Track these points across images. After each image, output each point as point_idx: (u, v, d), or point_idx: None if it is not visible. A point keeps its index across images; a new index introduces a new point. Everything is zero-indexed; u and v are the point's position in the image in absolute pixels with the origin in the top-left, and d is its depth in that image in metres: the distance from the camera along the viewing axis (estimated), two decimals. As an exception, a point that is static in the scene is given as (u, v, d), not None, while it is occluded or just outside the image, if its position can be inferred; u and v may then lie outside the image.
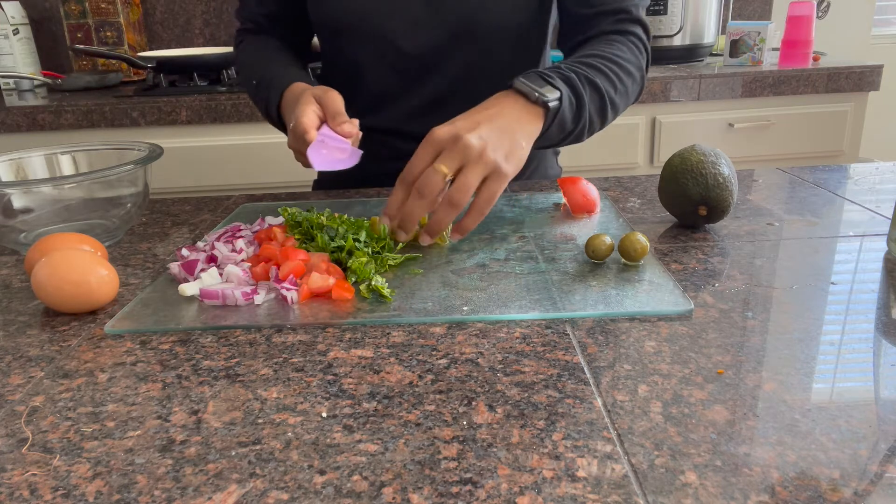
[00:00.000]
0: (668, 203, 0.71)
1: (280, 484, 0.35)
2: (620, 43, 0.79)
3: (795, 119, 1.67)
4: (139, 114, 1.55)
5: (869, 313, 0.51)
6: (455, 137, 0.60)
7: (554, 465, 0.36)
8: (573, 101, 0.70)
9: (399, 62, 0.87)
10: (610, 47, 0.77)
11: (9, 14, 1.81)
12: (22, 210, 0.69)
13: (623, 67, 0.76)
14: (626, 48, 0.78)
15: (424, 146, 0.62)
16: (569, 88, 0.69)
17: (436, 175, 0.60)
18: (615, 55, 0.76)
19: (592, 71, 0.73)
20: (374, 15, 0.84)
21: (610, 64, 0.75)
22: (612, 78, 0.74)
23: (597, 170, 1.66)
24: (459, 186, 0.60)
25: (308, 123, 0.68)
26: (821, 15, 2.10)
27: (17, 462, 0.38)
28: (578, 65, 0.73)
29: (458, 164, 0.60)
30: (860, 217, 0.72)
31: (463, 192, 0.60)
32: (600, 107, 0.74)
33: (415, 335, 0.50)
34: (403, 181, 0.62)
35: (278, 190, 1.50)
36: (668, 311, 0.52)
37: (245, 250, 0.64)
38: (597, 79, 0.73)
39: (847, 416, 0.39)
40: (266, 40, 0.93)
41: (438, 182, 0.60)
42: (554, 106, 0.67)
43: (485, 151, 0.60)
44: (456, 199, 0.60)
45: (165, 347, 0.50)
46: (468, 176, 0.60)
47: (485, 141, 0.61)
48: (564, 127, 0.71)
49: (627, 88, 0.78)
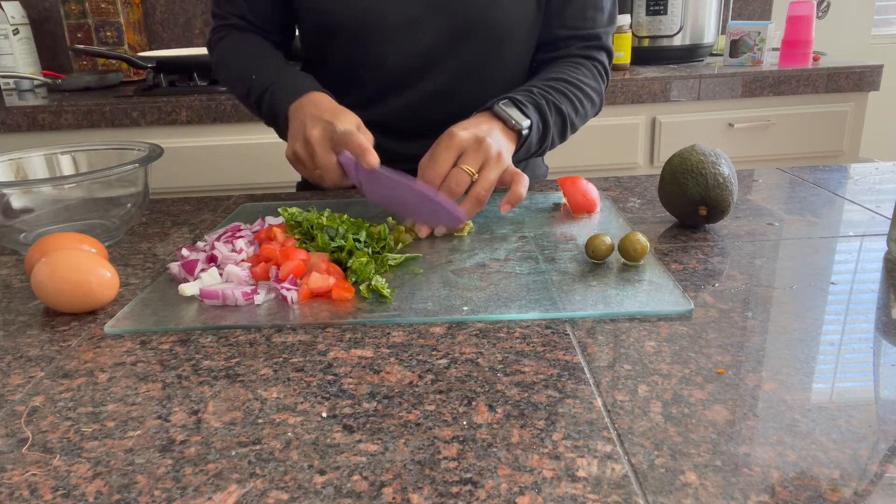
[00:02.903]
0: (668, 203, 0.71)
1: (280, 484, 0.35)
2: (586, 68, 0.87)
3: (795, 119, 1.67)
4: (139, 114, 1.55)
5: (869, 313, 0.51)
6: (478, 140, 0.68)
7: (554, 465, 0.36)
8: (540, 128, 0.79)
9: (395, 62, 0.87)
10: (576, 72, 0.85)
11: (9, 14, 1.81)
12: (22, 210, 0.69)
13: (585, 93, 0.85)
14: (590, 73, 0.87)
15: (448, 147, 0.68)
16: (539, 116, 0.78)
17: (465, 176, 0.67)
18: (580, 80, 0.84)
19: (560, 96, 0.81)
20: (372, 15, 0.84)
21: (575, 90, 0.83)
22: (575, 103, 0.83)
23: (597, 170, 1.66)
24: (485, 185, 0.67)
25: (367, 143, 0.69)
26: (821, 15, 2.10)
27: (17, 462, 0.38)
28: (549, 90, 0.81)
29: (480, 165, 0.68)
30: (860, 217, 0.72)
31: (488, 190, 0.68)
32: (562, 129, 0.83)
33: (415, 335, 0.50)
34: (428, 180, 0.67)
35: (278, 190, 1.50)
36: (668, 311, 0.52)
37: (245, 250, 0.64)
38: (562, 104, 0.81)
39: (847, 416, 0.39)
40: (255, 37, 0.91)
41: (467, 182, 0.67)
42: (525, 134, 0.75)
43: (500, 153, 0.69)
44: (483, 196, 0.68)
45: (165, 347, 0.50)
46: (490, 175, 0.68)
47: (499, 145, 0.69)
48: (530, 149, 0.80)
49: (587, 111, 0.87)
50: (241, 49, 0.90)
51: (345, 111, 0.74)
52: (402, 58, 0.86)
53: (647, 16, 1.77)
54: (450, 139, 0.68)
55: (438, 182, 0.67)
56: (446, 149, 0.68)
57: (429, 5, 0.83)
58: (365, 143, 0.68)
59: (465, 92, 0.88)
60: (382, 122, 0.91)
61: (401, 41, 0.85)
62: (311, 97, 0.76)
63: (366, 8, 0.83)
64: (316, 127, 0.71)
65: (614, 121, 1.61)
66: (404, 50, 0.86)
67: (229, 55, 0.90)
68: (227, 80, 0.92)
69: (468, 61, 0.86)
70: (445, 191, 0.67)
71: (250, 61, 0.87)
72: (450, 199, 0.67)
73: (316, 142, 0.70)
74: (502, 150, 0.69)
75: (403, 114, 0.90)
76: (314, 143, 0.70)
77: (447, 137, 0.68)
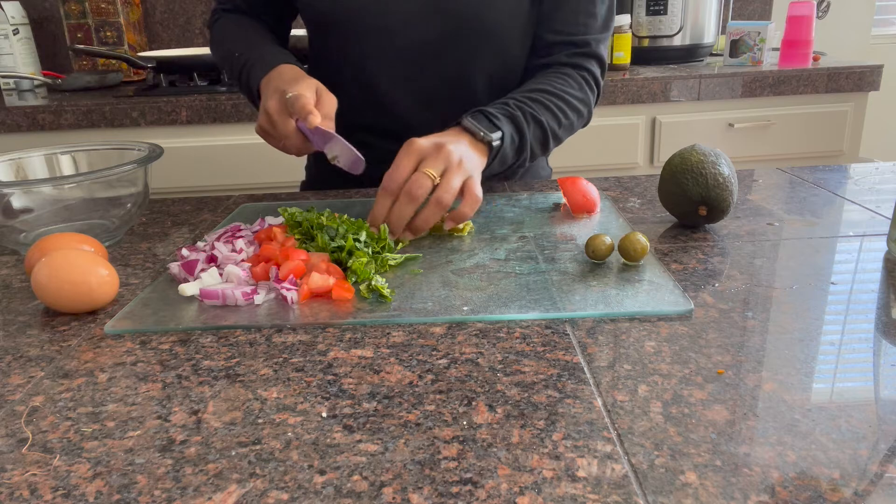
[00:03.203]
0: (668, 203, 0.71)
1: (280, 484, 0.35)
2: (572, 78, 0.85)
3: (795, 119, 1.67)
4: (139, 114, 1.55)
5: (869, 313, 0.51)
6: (438, 146, 0.67)
7: (554, 465, 0.36)
8: (515, 139, 0.77)
9: (394, 57, 0.87)
10: (561, 83, 0.84)
11: (9, 14, 1.81)
12: (22, 210, 0.69)
13: (570, 104, 0.84)
14: (576, 84, 0.85)
15: (408, 154, 0.67)
16: (513, 127, 0.77)
17: (425, 179, 0.65)
18: (564, 91, 0.83)
19: (539, 108, 0.80)
20: (371, 9, 0.84)
21: (558, 101, 0.82)
22: (556, 114, 0.82)
23: (597, 170, 1.66)
24: (447, 188, 0.66)
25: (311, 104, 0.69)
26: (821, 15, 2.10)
27: (17, 462, 0.38)
28: (527, 101, 0.80)
29: (442, 169, 0.67)
30: (860, 217, 0.72)
31: (450, 193, 0.66)
32: (543, 141, 0.82)
33: (415, 335, 0.51)
34: (387, 189, 0.66)
35: (278, 190, 1.50)
36: (668, 311, 0.52)
37: (245, 250, 0.64)
38: (542, 116, 0.80)
39: (847, 416, 0.39)
40: (250, 21, 0.94)
41: (428, 185, 0.66)
42: (496, 145, 0.74)
43: (462, 160, 0.68)
44: (445, 200, 0.66)
45: (165, 347, 0.50)
46: (452, 179, 0.66)
47: (461, 152, 0.69)
48: (505, 161, 0.78)
49: (573, 122, 0.85)
50: (232, 30, 0.92)
51: (305, 78, 0.74)
52: (395, 57, 0.87)
53: (647, 16, 1.77)
54: (409, 146, 0.68)
55: (398, 187, 0.66)
56: (406, 155, 0.67)
57: (425, 4, 0.83)
58: (308, 103, 0.69)
59: (459, 92, 0.88)
60: (379, 121, 0.91)
61: (394, 40, 0.85)
62: (279, 69, 0.78)
63: (360, 5, 0.83)
64: (273, 97, 0.73)
65: (614, 121, 1.61)
66: (397, 49, 0.86)
67: (222, 35, 0.93)
68: (220, 60, 0.94)
69: (462, 61, 0.86)
70: (406, 195, 0.65)
71: (237, 40, 0.90)
72: (412, 203, 0.65)
73: (274, 111, 0.72)
74: (464, 157, 0.68)
75: (399, 113, 0.90)
76: (272, 111, 0.72)
77: (407, 145, 0.68)
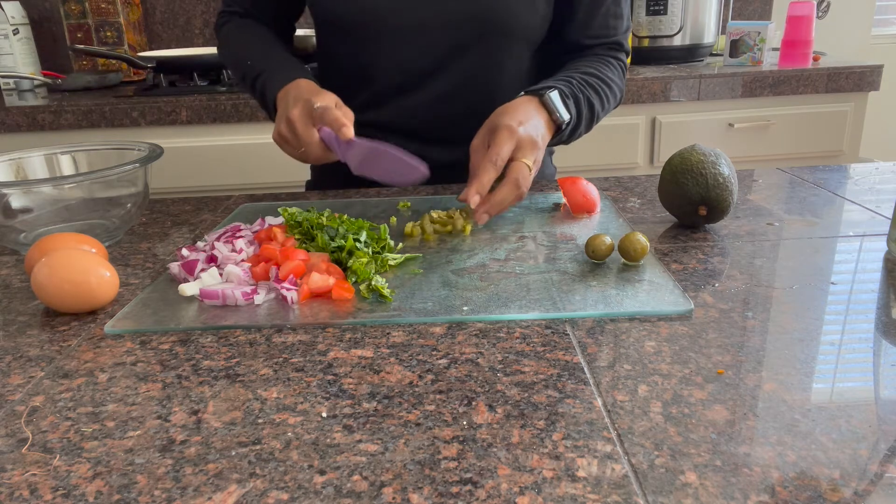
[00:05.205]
0: (668, 203, 0.71)
1: (280, 484, 0.35)
2: (612, 66, 0.92)
3: (795, 119, 1.67)
4: (139, 114, 1.55)
5: (869, 313, 0.51)
6: (533, 141, 0.72)
7: (554, 465, 0.36)
8: (574, 123, 0.82)
9: (407, 61, 0.87)
10: (605, 68, 0.89)
11: (9, 14, 1.81)
12: (22, 210, 0.69)
13: (612, 89, 0.89)
14: (616, 71, 0.92)
15: (510, 139, 0.70)
16: (576, 111, 0.81)
17: (528, 171, 0.71)
18: (608, 77, 0.89)
19: (592, 91, 0.84)
20: (386, 12, 0.84)
21: (603, 85, 0.87)
22: (603, 98, 0.87)
23: (597, 170, 1.66)
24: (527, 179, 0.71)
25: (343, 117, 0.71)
26: (821, 15, 2.10)
27: (17, 462, 0.38)
28: (585, 85, 0.84)
29: (532, 161, 0.72)
30: (860, 217, 0.72)
31: (529, 183, 0.71)
32: (589, 122, 0.86)
33: (415, 335, 0.50)
34: (496, 165, 0.69)
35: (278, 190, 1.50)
36: (668, 311, 0.52)
37: (245, 250, 0.64)
38: (594, 99, 0.85)
39: (847, 416, 0.39)
40: (259, 25, 0.96)
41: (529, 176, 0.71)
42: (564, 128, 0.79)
43: (541, 152, 0.74)
44: (525, 188, 0.70)
45: (165, 347, 0.50)
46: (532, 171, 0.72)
47: (542, 141, 0.74)
48: (560, 140, 0.83)
49: (611, 105, 0.91)
50: (240, 35, 0.95)
51: (324, 91, 0.77)
52: (411, 60, 0.87)
53: (647, 16, 1.77)
54: (511, 131, 0.70)
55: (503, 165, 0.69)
56: (508, 139, 0.70)
57: (439, 9, 0.83)
58: (341, 117, 0.71)
59: (473, 94, 0.89)
60: (390, 123, 0.91)
61: (410, 43, 0.86)
62: (297, 83, 0.80)
63: (375, 9, 0.84)
64: (296, 106, 0.75)
65: (614, 121, 1.61)
66: (413, 52, 0.86)
67: (230, 39, 0.96)
68: (228, 63, 0.97)
69: (477, 64, 0.87)
70: (513, 184, 0.69)
71: (248, 47, 0.92)
72: (517, 190, 0.69)
73: (297, 119, 0.74)
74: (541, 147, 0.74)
75: (411, 115, 0.91)
76: (295, 120, 0.74)
77: (508, 129, 0.70)
